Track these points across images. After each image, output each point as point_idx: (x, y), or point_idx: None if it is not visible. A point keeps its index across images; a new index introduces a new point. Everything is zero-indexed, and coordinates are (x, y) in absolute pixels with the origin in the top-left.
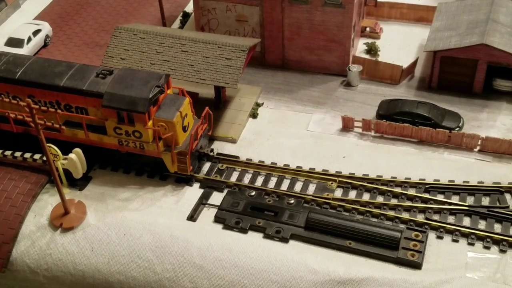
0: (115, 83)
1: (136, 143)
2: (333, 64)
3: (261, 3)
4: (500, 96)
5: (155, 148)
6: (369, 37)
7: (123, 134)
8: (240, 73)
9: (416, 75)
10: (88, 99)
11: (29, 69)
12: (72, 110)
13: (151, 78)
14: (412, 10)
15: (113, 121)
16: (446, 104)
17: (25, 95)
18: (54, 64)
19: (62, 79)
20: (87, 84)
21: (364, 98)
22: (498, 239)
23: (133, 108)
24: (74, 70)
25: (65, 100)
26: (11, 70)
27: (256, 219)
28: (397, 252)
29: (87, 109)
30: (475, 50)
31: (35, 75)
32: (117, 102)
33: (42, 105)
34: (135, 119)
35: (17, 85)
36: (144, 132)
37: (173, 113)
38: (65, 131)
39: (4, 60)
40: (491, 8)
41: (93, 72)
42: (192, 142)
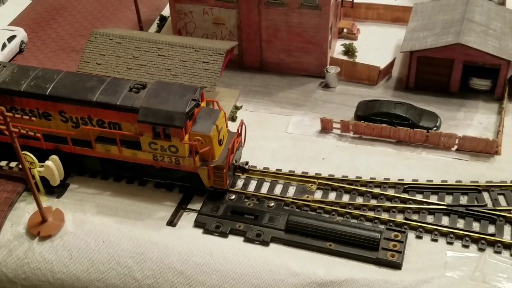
0: (150, 97)
1: (171, 158)
2: (311, 65)
3: (237, 5)
4: (477, 95)
5: (191, 163)
6: (346, 38)
7: (158, 149)
8: (218, 77)
9: (393, 76)
10: (122, 114)
11: (59, 85)
12: (104, 126)
13: (186, 92)
14: (389, 10)
15: (149, 136)
16: (423, 104)
17: (55, 111)
18: (85, 79)
19: (95, 94)
20: (120, 99)
21: (342, 99)
22: (476, 238)
23: (170, 122)
24: (106, 84)
25: (98, 116)
26: (40, 85)
27: (236, 223)
28: (377, 252)
29: (121, 124)
30: (451, 49)
31: (66, 91)
32: (153, 117)
33: (74, 121)
34: (171, 134)
35: (48, 101)
36: (181, 147)
37: (209, 126)
38: (97, 147)
39: (33, 75)
40: (466, 8)
41: (126, 86)
42: (229, 156)
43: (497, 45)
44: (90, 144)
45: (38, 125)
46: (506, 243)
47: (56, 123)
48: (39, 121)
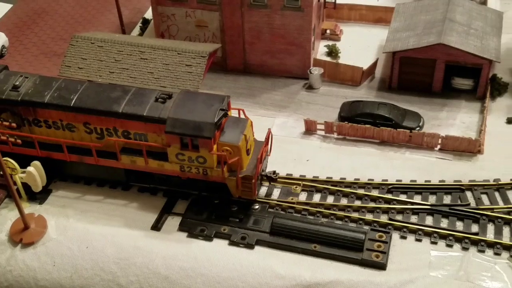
0: (177, 107)
1: (199, 169)
2: (295, 67)
3: (220, 8)
4: (459, 94)
5: (220, 173)
6: (329, 39)
7: (186, 160)
8: (201, 79)
9: (376, 76)
10: (149, 125)
11: (84, 95)
12: (130, 137)
13: (214, 101)
14: (371, 11)
15: (176, 147)
16: (406, 104)
17: (80, 123)
18: (109, 89)
19: (120, 104)
20: (147, 110)
21: (326, 101)
22: (460, 237)
23: (199, 133)
24: (131, 95)
25: (124, 127)
26: (64, 97)
27: (221, 226)
28: (362, 253)
29: (147, 135)
30: (433, 49)
31: (91, 102)
32: (181, 128)
33: (98, 132)
34: (200, 144)
35: (72, 112)
36: (209, 157)
37: (238, 136)
38: (123, 159)
39: (56, 86)
40: (447, 8)
41: (151, 96)
42: (258, 166)
43: (479, 45)
44: (115, 156)
45: (61, 137)
46: (490, 242)
47: (80, 135)
48: (63, 133)
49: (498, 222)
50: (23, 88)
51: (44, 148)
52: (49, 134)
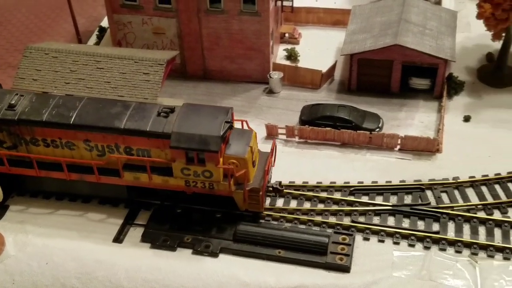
0: (181, 121)
1: (205, 183)
2: (254, 72)
3: (177, 14)
4: (417, 94)
5: (226, 187)
6: (288, 43)
7: (191, 174)
8: (159, 88)
9: (336, 78)
10: (152, 140)
11: (83, 112)
12: (132, 153)
13: (218, 113)
14: (329, 14)
15: (181, 162)
16: (366, 105)
17: (80, 140)
18: (109, 105)
19: (122, 120)
20: (150, 125)
21: (286, 104)
22: (422, 236)
23: (205, 147)
24: (132, 110)
25: (126, 143)
26: (63, 114)
27: (184, 236)
28: (326, 257)
29: (150, 150)
30: (389, 51)
31: (92, 118)
32: (187, 142)
33: (99, 149)
34: (206, 158)
35: (72, 130)
36: (216, 171)
37: (244, 149)
38: (125, 176)
39: (53, 103)
40: (402, 9)
41: (153, 111)
42: (265, 178)
43: (434, 45)
44: (117, 173)
45: (60, 155)
46: (451, 240)
47: (80, 153)
48: (61, 151)
49: (458, 220)
50: (19, 107)
51: (44, 167)
52: (47, 153)
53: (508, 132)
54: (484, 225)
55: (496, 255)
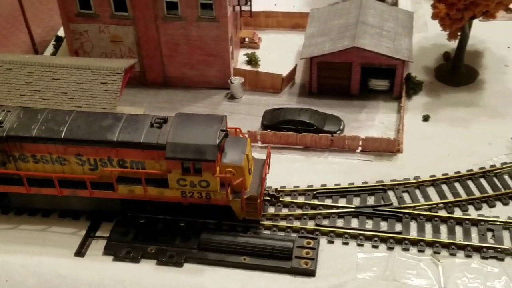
0: (176, 131)
1: (202, 193)
2: (215, 78)
3: (134, 22)
4: (377, 95)
5: (224, 196)
6: (248, 47)
7: (188, 185)
8: (118, 97)
9: (296, 82)
10: (146, 152)
11: (74, 126)
12: (126, 166)
13: (212, 122)
14: (287, 17)
15: (177, 173)
16: (327, 108)
17: (71, 155)
18: (99, 117)
19: (114, 133)
20: (143, 136)
21: (248, 109)
22: (385, 237)
23: (201, 157)
24: (124, 122)
25: (119, 156)
26: (53, 129)
27: (148, 246)
28: (291, 262)
29: (144, 162)
30: (348, 53)
31: (83, 132)
32: (183, 152)
33: (91, 163)
34: (203, 168)
35: (63, 145)
36: (213, 180)
37: (240, 156)
38: (120, 189)
39: (42, 118)
40: (359, 11)
41: (145, 122)
42: (263, 185)
43: (391, 46)
44: (110, 186)
45: (51, 171)
46: (413, 239)
47: (72, 167)
48: (52, 167)
49: (420, 219)
50: (7, 123)
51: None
52: (37, 169)
53: (466, 130)
54: (446, 223)
55: (458, 253)
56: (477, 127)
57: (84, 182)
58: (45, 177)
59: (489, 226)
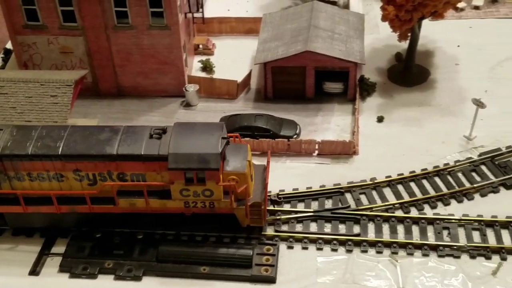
0: (176, 141)
1: (205, 202)
2: (170, 86)
3: (84, 32)
4: (332, 98)
5: (228, 204)
6: (203, 54)
7: (191, 195)
8: (68, 109)
9: (252, 87)
10: (147, 164)
11: (71, 141)
12: (126, 179)
13: (213, 130)
14: (241, 23)
15: (180, 183)
16: (283, 113)
17: (69, 171)
18: (96, 131)
19: (113, 146)
20: (144, 148)
21: (205, 117)
22: (343, 240)
23: (205, 166)
24: (122, 134)
25: (119, 169)
26: (49, 145)
27: (105, 261)
28: (251, 269)
29: (145, 175)
30: (301, 57)
31: (81, 147)
32: (186, 162)
33: (90, 178)
34: (206, 177)
35: (61, 161)
36: (216, 189)
37: (242, 163)
38: (121, 203)
39: (36, 135)
40: (311, 15)
41: (144, 133)
42: (266, 191)
43: (344, 49)
44: (110, 201)
45: (48, 189)
46: (371, 241)
47: (69, 184)
48: (49, 184)
49: (378, 220)
50: (0, 142)
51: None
52: (33, 188)
53: (420, 129)
54: (402, 223)
55: (415, 252)
56: (430, 126)
57: (82, 197)
58: (42, 195)
59: (445, 224)
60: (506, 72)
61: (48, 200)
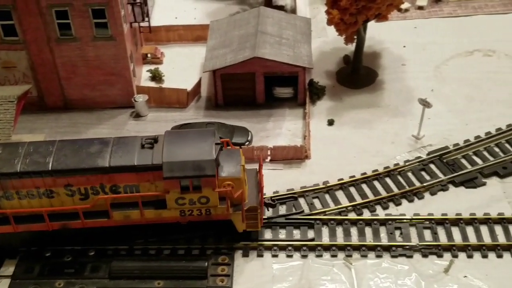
0: (170, 150)
1: (201, 210)
2: (118, 97)
3: (26, 46)
4: (282, 103)
5: (224, 210)
6: (152, 63)
7: (187, 203)
8: (12, 126)
9: (203, 95)
10: (141, 175)
11: (60, 156)
12: (119, 191)
13: (206, 136)
14: (189, 30)
15: (176, 192)
16: (234, 120)
17: (60, 186)
18: (86, 144)
19: (105, 158)
20: (136, 159)
21: (155, 127)
22: (298, 246)
23: (201, 173)
24: (112, 146)
25: (112, 181)
26: (39, 161)
27: (56, 281)
28: (207, 281)
29: (139, 185)
30: (249, 64)
31: (72, 161)
32: (181, 171)
33: (82, 192)
34: (202, 184)
35: (52, 177)
36: (212, 196)
37: (236, 168)
38: (115, 216)
39: (24, 152)
40: (258, 20)
41: (135, 143)
42: (261, 195)
43: (292, 53)
44: (104, 214)
45: (38, 206)
46: (326, 245)
47: (61, 199)
48: (39, 201)
49: (331, 224)
50: None
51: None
52: (22, 206)
53: (370, 131)
54: (356, 225)
55: (369, 254)
56: (379, 127)
57: (74, 213)
58: (34, 213)
59: (397, 225)
60: (451, 71)
61: (38, 218)
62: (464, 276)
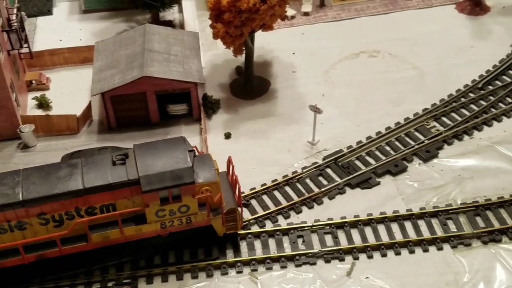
0: (144, 163)
1: (182, 219)
2: (2, 129)
3: None
4: (178, 120)
5: (205, 216)
6: (37, 90)
7: (167, 214)
8: None
9: (95, 119)
10: (117, 192)
11: (30, 185)
12: (95, 212)
13: (177, 145)
14: (75, 53)
15: (156, 205)
16: (130, 141)
17: (33, 216)
18: (52, 169)
19: (78, 180)
20: (111, 177)
21: (45, 158)
22: (203, 266)
23: (180, 181)
24: (82, 168)
25: (87, 203)
26: (7, 193)
27: None
28: None
29: (115, 203)
30: (139, 83)
31: (44, 188)
32: (159, 182)
33: (56, 219)
34: (181, 193)
35: (24, 207)
36: (192, 203)
37: (212, 173)
38: (93, 238)
39: None
40: (144, 38)
41: (106, 162)
42: (239, 196)
43: (181, 70)
44: (82, 238)
45: (9, 240)
46: (230, 262)
47: (34, 230)
48: (11, 235)
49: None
50: None
51: None
52: None
53: (266, 141)
54: (259, 238)
55: (274, 266)
56: (276, 136)
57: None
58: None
59: (299, 233)
60: (340, 74)
61: (12, 252)
62: (366, 277)
